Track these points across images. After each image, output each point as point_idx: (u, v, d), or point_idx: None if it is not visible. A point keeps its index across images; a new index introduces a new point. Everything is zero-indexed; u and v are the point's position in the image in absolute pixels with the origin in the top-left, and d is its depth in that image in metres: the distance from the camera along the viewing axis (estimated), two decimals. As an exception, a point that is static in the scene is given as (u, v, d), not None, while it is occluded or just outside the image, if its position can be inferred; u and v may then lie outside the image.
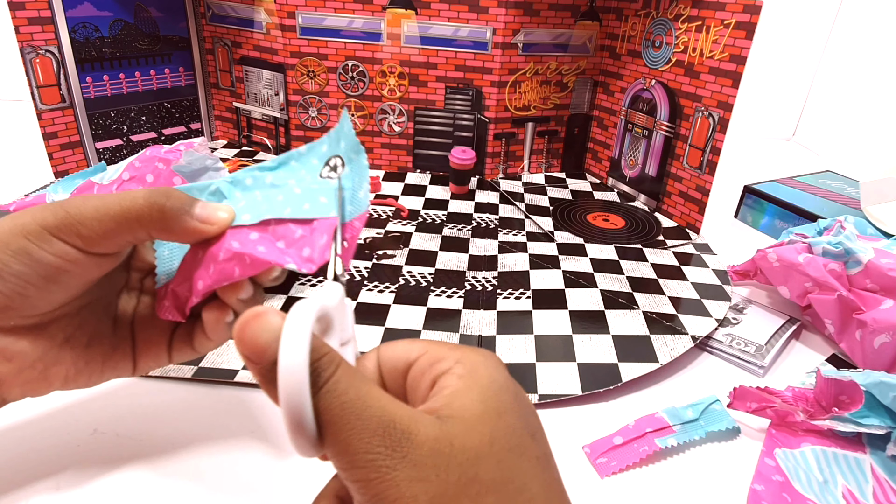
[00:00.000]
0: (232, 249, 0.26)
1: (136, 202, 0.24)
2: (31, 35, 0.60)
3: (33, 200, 0.53)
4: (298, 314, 0.18)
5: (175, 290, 0.28)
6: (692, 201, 0.64)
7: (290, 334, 0.17)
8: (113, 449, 0.32)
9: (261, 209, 0.27)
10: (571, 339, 0.44)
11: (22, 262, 0.23)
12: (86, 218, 0.24)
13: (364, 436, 0.18)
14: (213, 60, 0.79)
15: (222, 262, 0.26)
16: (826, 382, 0.36)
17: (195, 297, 0.27)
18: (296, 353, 0.17)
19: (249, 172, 0.29)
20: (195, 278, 0.27)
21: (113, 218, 0.24)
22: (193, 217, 0.25)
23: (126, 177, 0.50)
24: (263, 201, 0.28)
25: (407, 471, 0.17)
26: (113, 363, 0.28)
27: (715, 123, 0.60)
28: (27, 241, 0.23)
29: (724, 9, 0.57)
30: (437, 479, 0.18)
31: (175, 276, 0.28)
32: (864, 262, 0.44)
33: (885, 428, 0.34)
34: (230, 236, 0.26)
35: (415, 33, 0.70)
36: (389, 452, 0.17)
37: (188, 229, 0.25)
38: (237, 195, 0.29)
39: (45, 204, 0.24)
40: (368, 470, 0.17)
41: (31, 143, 0.68)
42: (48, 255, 0.24)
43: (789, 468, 0.34)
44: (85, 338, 0.27)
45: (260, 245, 0.26)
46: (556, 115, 0.77)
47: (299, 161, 0.29)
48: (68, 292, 0.25)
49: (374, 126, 0.75)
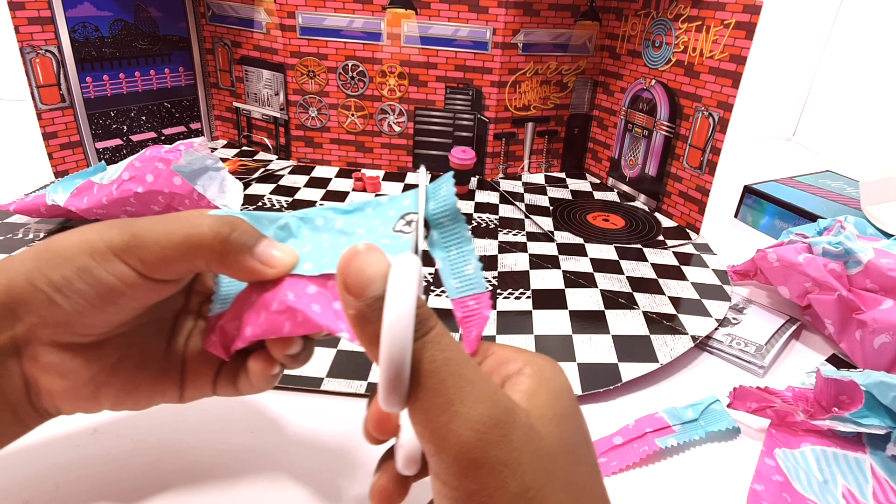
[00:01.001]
0: (286, 302, 0.24)
1: (201, 230, 0.23)
2: (31, 35, 0.60)
3: (33, 200, 0.53)
4: (408, 259, 0.17)
5: (224, 326, 0.27)
6: (692, 201, 0.64)
7: (400, 274, 0.17)
8: (113, 449, 0.32)
9: (324, 260, 0.25)
10: (571, 339, 0.44)
11: (84, 281, 0.22)
12: (149, 242, 0.23)
13: (469, 401, 0.17)
14: (213, 60, 0.79)
15: (274, 314, 0.24)
16: (826, 382, 0.36)
17: (241, 341, 0.26)
18: (405, 294, 0.17)
19: (322, 212, 0.27)
20: (244, 322, 0.26)
21: (176, 245, 0.23)
22: (254, 256, 0.24)
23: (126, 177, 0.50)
24: (329, 250, 0.25)
25: (504, 452, 0.17)
26: (161, 388, 0.27)
27: (715, 123, 0.60)
28: (91, 259, 0.23)
29: (724, 9, 0.57)
30: (527, 467, 0.17)
31: (227, 310, 0.27)
32: (864, 262, 0.44)
33: (885, 428, 0.34)
34: (287, 285, 0.24)
35: (415, 33, 0.70)
36: (492, 426, 0.17)
37: (245, 268, 0.24)
38: (305, 234, 0.27)
39: (112, 221, 0.24)
40: (466, 436, 0.17)
41: (31, 143, 0.68)
42: (109, 277, 0.23)
43: (789, 468, 0.34)
44: (136, 359, 0.26)
45: (315, 303, 0.24)
46: (556, 115, 0.77)
47: (375, 210, 0.26)
48: (124, 314, 0.24)
49: (374, 126, 0.75)
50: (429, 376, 0.17)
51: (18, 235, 0.53)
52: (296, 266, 0.25)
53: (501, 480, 0.17)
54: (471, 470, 0.17)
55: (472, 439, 0.17)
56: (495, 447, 0.17)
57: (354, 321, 0.18)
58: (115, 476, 0.31)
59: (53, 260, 0.22)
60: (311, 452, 0.33)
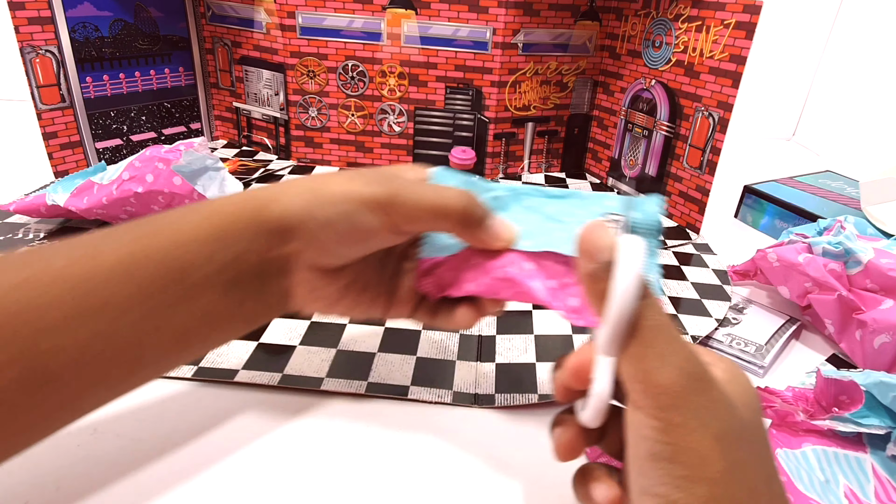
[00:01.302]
0: (509, 275, 0.29)
1: (451, 200, 0.28)
2: (31, 35, 0.60)
3: (33, 200, 0.53)
4: (636, 238, 0.22)
5: (442, 274, 0.31)
6: (692, 201, 0.64)
7: (631, 246, 0.21)
8: (113, 449, 0.32)
9: (541, 239, 0.29)
10: (571, 339, 0.44)
11: (344, 222, 0.27)
12: (406, 203, 0.27)
13: (677, 356, 0.20)
14: (213, 60, 0.79)
15: (496, 280, 0.29)
16: (826, 382, 0.36)
17: (456, 290, 0.30)
18: (635, 263, 0.21)
19: (533, 193, 0.31)
20: (465, 279, 0.30)
21: (426, 209, 0.27)
22: (488, 229, 0.29)
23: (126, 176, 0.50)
24: (544, 232, 0.29)
25: (704, 400, 0.20)
26: (375, 307, 0.32)
27: (715, 123, 0.60)
28: (354, 206, 0.27)
29: (724, 9, 0.57)
30: (722, 423, 0.20)
31: (446, 262, 0.31)
32: (864, 262, 0.44)
33: (885, 428, 0.34)
34: (508, 259, 0.29)
35: (415, 33, 0.70)
36: (695, 379, 0.20)
37: (479, 237, 0.29)
38: (516, 211, 0.31)
39: (376, 174, 0.28)
40: (675, 378, 0.20)
41: (31, 143, 0.68)
42: (365, 223, 0.27)
43: (791, 468, 0.34)
44: (362, 284, 0.31)
45: (533, 280, 0.28)
46: (556, 115, 0.77)
47: (582, 202, 0.30)
48: (366, 251, 0.29)
49: (374, 126, 0.75)
50: (647, 331, 0.21)
51: (18, 235, 0.53)
52: (515, 241, 0.29)
53: (702, 420, 0.20)
54: (675, 406, 0.20)
55: (681, 381, 0.20)
56: (697, 394, 0.20)
57: (587, 278, 0.22)
58: (115, 476, 0.31)
59: (323, 201, 0.27)
60: (311, 452, 0.33)
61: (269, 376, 0.38)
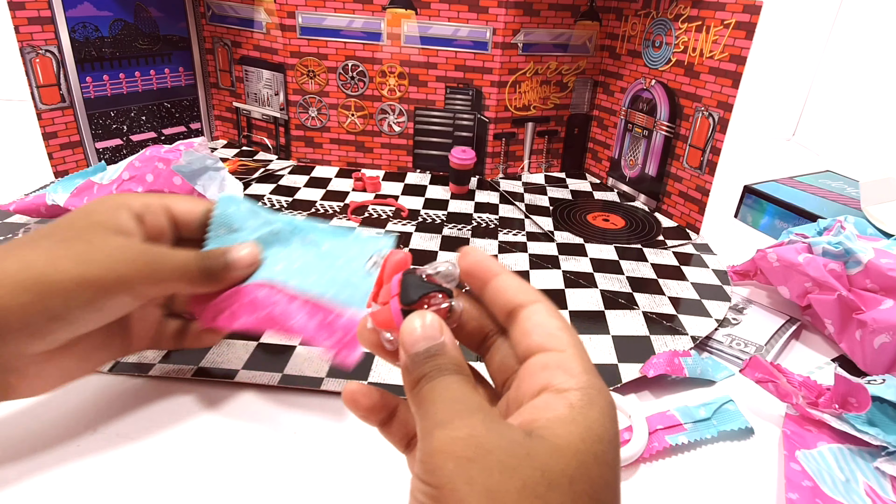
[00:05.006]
0: (279, 311, 0.31)
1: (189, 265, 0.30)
2: (31, 35, 0.60)
3: (33, 200, 0.53)
4: None
5: (218, 305, 0.32)
6: (692, 201, 0.64)
7: None
8: (113, 449, 0.32)
9: (307, 280, 0.31)
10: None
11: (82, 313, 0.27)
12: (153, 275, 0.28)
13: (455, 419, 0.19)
14: (213, 60, 0.79)
15: (268, 316, 0.31)
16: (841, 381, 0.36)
17: (229, 322, 0.31)
18: None
19: (312, 230, 0.34)
20: (240, 312, 0.31)
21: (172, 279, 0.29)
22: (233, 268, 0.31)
23: (126, 176, 0.50)
24: (315, 270, 0.32)
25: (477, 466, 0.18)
26: (111, 351, 0.32)
27: (715, 123, 0.60)
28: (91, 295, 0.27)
29: (724, 9, 0.57)
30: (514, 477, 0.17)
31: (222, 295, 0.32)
32: (864, 262, 0.44)
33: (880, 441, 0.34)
34: (280, 297, 0.31)
35: (415, 33, 0.70)
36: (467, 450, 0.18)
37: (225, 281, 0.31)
38: (296, 244, 0.34)
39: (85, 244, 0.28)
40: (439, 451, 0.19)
41: (31, 143, 0.68)
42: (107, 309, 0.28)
43: (813, 470, 0.33)
44: (91, 343, 0.30)
45: (302, 316, 0.31)
46: (556, 115, 0.77)
47: (356, 242, 0.33)
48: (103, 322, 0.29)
49: (374, 126, 0.75)
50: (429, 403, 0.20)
51: (18, 235, 0.53)
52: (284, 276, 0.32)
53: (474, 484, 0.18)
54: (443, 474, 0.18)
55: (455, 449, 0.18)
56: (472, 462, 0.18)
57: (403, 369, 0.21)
58: (115, 476, 0.31)
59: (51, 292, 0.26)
60: (311, 452, 0.33)
61: (269, 376, 0.38)
